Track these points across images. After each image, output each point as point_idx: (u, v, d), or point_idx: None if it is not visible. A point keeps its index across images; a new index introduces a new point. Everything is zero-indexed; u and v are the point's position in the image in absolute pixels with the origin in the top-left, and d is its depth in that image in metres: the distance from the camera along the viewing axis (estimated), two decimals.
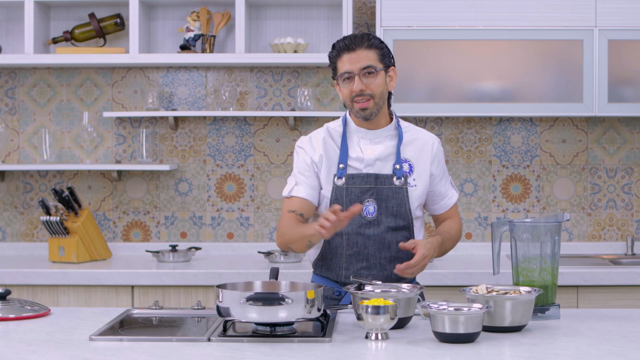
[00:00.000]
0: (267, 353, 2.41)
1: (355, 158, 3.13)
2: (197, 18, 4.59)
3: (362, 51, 3.06)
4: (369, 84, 3.06)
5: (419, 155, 3.17)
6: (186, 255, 4.42)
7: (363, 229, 3.10)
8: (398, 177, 3.11)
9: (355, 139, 3.16)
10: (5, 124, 4.75)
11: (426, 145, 3.19)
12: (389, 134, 3.16)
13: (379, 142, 3.15)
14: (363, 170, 3.12)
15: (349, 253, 3.13)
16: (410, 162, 3.15)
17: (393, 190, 3.10)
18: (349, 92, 3.07)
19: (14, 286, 4.08)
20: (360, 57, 3.05)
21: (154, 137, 4.72)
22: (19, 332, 2.70)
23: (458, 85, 4.35)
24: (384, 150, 3.13)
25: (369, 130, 3.15)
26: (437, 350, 2.45)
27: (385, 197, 3.10)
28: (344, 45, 3.07)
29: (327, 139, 3.17)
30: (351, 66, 3.05)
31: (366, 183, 3.11)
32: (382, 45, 3.11)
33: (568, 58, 4.33)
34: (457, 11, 4.33)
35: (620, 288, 4.07)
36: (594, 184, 4.70)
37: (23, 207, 4.76)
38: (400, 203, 3.10)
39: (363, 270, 3.11)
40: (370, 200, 3.10)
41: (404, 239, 3.12)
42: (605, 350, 2.45)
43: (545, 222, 2.92)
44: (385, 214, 3.11)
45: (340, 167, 3.12)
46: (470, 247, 4.68)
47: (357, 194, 3.10)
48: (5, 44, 4.71)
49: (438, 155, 3.21)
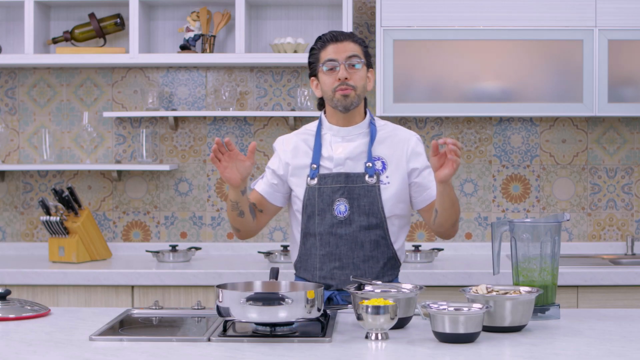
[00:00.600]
0: (267, 353, 2.41)
1: (327, 157, 3.14)
2: (197, 18, 4.59)
3: (348, 43, 3.11)
4: (352, 75, 3.09)
5: (393, 152, 3.15)
6: (186, 255, 4.42)
7: (335, 229, 3.11)
8: (370, 175, 3.10)
9: (328, 138, 3.17)
10: (5, 124, 4.75)
11: (402, 143, 3.17)
12: (361, 131, 3.16)
13: (350, 140, 3.15)
14: (333, 169, 3.12)
15: (322, 253, 3.13)
16: (383, 159, 3.14)
17: (365, 188, 3.10)
18: (332, 82, 3.09)
19: (14, 286, 4.08)
20: (346, 47, 3.10)
21: (154, 137, 4.72)
22: (19, 332, 2.70)
23: (458, 85, 4.35)
24: (355, 148, 3.14)
25: (342, 128, 3.16)
26: (437, 350, 2.45)
27: (357, 196, 3.10)
28: (331, 37, 3.12)
29: (299, 142, 3.20)
30: (336, 55, 3.09)
31: (337, 182, 3.11)
32: (366, 45, 3.18)
33: (568, 58, 4.33)
34: (457, 11, 4.33)
35: (620, 288, 4.07)
36: (594, 184, 4.70)
37: (23, 207, 4.76)
38: (372, 201, 3.10)
39: (336, 270, 3.11)
40: (342, 199, 3.10)
41: (378, 238, 3.11)
42: (605, 350, 2.45)
43: (545, 222, 2.92)
44: (357, 213, 3.10)
45: (312, 168, 3.13)
46: (470, 247, 4.68)
47: (328, 194, 3.11)
48: (5, 44, 4.71)
49: (416, 150, 3.18)
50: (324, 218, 3.12)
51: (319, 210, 3.12)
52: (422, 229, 4.71)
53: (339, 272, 3.11)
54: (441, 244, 4.65)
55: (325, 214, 3.11)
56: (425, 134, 4.70)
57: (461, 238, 4.70)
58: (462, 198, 4.70)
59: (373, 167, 3.11)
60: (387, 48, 4.33)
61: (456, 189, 4.69)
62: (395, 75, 4.34)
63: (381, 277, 3.13)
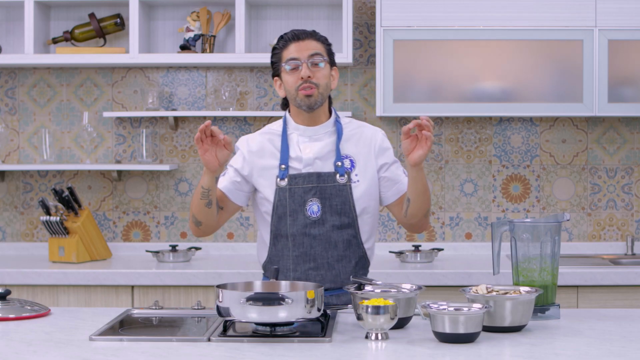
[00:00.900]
0: (267, 353, 2.41)
1: (295, 158, 3.11)
2: (197, 18, 4.59)
3: (310, 41, 3.08)
4: (315, 73, 3.05)
5: (360, 150, 3.13)
6: (186, 255, 4.42)
7: (308, 229, 3.08)
8: (341, 174, 3.08)
9: (295, 138, 3.14)
10: (5, 124, 4.75)
11: (368, 139, 3.15)
12: (327, 130, 3.14)
13: (317, 139, 3.12)
14: (303, 170, 3.09)
15: (295, 254, 3.10)
16: (351, 157, 3.12)
17: (336, 188, 3.08)
18: (295, 81, 3.05)
19: (14, 286, 4.08)
20: (308, 46, 3.07)
21: (154, 137, 4.72)
22: (19, 332, 2.70)
23: (458, 85, 4.35)
24: (323, 147, 3.11)
25: (308, 127, 3.13)
26: (437, 350, 2.45)
27: (329, 196, 3.07)
28: (293, 35, 3.09)
29: (265, 142, 3.15)
30: (299, 54, 3.06)
31: (308, 182, 3.08)
32: (329, 43, 3.14)
33: (568, 58, 4.33)
34: (457, 11, 4.33)
35: (620, 288, 4.07)
36: (594, 184, 4.70)
37: (23, 207, 4.76)
38: (344, 201, 3.08)
39: (311, 271, 3.08)
40: (314, 199, 3.07)
41: (350, 237, 3.10)
42: (605, 350, 2.45)
43: (545, 222, 2.92)
44: (329, 213, 3.08)
45: (281, 168, 3.10)
46: (470, 247, 4.68)
47: (300, 194, 3.08)
48: (5, 44, 4.71)
49: (383, 145, 3.16)
50: (296, 219, 3.08)
51: (290, 211, 3.08)
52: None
53: (314, 273, 3.09)
54: (441, 244, 4.65)
55: (297, 215, 3.08)
56: None
57: (461, 238, 4.70)
58: (462, 198, 4.70)
59: (343, 166, 3.09)
60: (387, 48, 4.33)
61: (456, 188, 4.69)
62: (395, 75, 4.34)
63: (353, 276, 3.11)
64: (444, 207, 4.71)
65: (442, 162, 4.70)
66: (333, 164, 3.10)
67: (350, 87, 4.71)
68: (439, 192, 4.70)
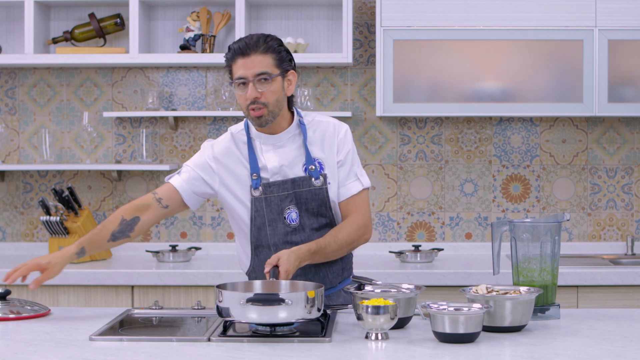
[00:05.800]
0: (267, 353, 2.41)
1: (262, 167, 3.02)
2: (197, 18, 4.59)
3: (256, 56, 2.92)
4: (264, 92, 2.92)
5: (324, 149, 3.05)
6: (186, 255, 4.42)
7: (289, 237, 3.01)
8: (316, 177, 3.01)
9: (258, 145, 3.04)
10: (5, 124, 4.75)
11: (331, 139, 3.06)
12: (290, 135, 3.05)
13: (281, 146, 3.03)
14: (271, 179, 3.01)
15: None
16: (318, 160, 3.04)
17: (312, 192, 3.01)
18: (245, 100, 2.94)
19: (14, 286, 4.06)
20: (254, 62, 2.92)
21: (154, 137, 4.73)
22: (19, 332, 2.70)
23: (458, 85, 4.35)
24: (288, 154, 3.03)
25: (270, 136, 3.03)
26: (437, 350, 2.45)
27: (305, 200, 3.01)
28: (238, 49, 2.94)
29: (231, 147, 3.07)
30: (245, 72, 2.92)
31: (284, 190, 3.00)
32: (280, 48, 2.97)
33: (568, 58, 4.33)
34: (457, 11, 4.33)
35: (620, 288, 4.07)
36: (594, 184, 4.70)
37: (23, 207, 4.76)
38: (320, 203, 3.01)
39: (298, 277, 3.01)
40: (291, 206, 3.01)
41: None
42: (605, 350, 2.45)
43: (545, 222, 2.92)
44: (306, 217, 3.02)
45: (253, 177, 3.00)
46: (470, 247, 4.68)
47: (277, 203, 3.00)
48: (5, 44, 4.71)
49: (342, 141, 3.07)
50: (275, 228, 3.01)
51: (269, 220, 3.01)
52: (422, 229, 4.71)
53: (302, 278, 3.02)
54: (441, 244, 4.65)
55: (276, 224, 3.01)
56: (425, 134, 4.70)
57: (461, 238, 4.70)
58: (462, 198, 4.70)
59: (316, 169, 3.01)
60: (387, 48, 4.33)
61: (456, 188, 4.70)
62: (395, 75, 4.34)
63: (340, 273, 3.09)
64: (444, 207, 4.71)
65: (442, 162, 4.70)
66: (302, 167, 3.03)
67: (350, 87, 4.71)
68: (439, 192, 4.71)
